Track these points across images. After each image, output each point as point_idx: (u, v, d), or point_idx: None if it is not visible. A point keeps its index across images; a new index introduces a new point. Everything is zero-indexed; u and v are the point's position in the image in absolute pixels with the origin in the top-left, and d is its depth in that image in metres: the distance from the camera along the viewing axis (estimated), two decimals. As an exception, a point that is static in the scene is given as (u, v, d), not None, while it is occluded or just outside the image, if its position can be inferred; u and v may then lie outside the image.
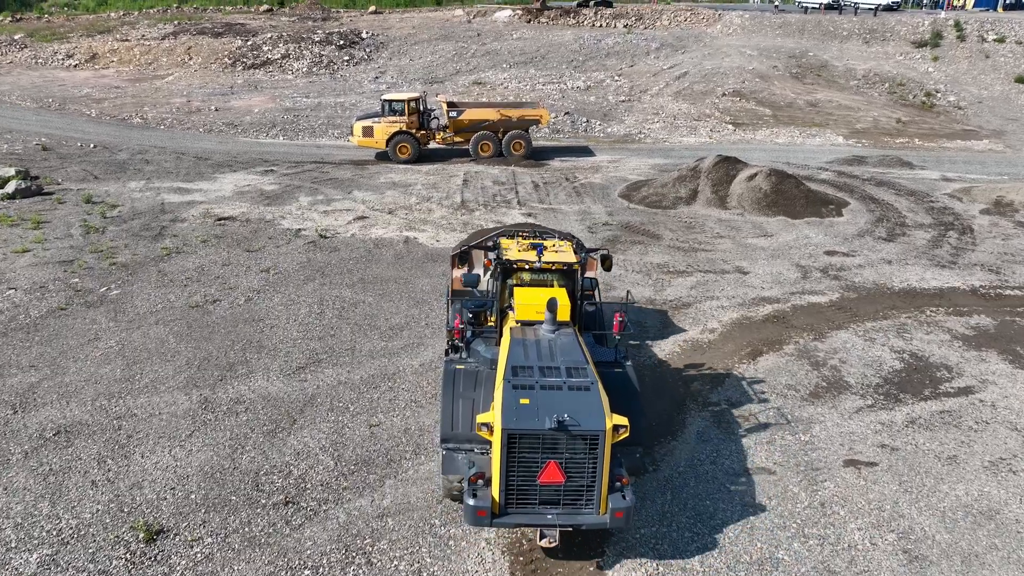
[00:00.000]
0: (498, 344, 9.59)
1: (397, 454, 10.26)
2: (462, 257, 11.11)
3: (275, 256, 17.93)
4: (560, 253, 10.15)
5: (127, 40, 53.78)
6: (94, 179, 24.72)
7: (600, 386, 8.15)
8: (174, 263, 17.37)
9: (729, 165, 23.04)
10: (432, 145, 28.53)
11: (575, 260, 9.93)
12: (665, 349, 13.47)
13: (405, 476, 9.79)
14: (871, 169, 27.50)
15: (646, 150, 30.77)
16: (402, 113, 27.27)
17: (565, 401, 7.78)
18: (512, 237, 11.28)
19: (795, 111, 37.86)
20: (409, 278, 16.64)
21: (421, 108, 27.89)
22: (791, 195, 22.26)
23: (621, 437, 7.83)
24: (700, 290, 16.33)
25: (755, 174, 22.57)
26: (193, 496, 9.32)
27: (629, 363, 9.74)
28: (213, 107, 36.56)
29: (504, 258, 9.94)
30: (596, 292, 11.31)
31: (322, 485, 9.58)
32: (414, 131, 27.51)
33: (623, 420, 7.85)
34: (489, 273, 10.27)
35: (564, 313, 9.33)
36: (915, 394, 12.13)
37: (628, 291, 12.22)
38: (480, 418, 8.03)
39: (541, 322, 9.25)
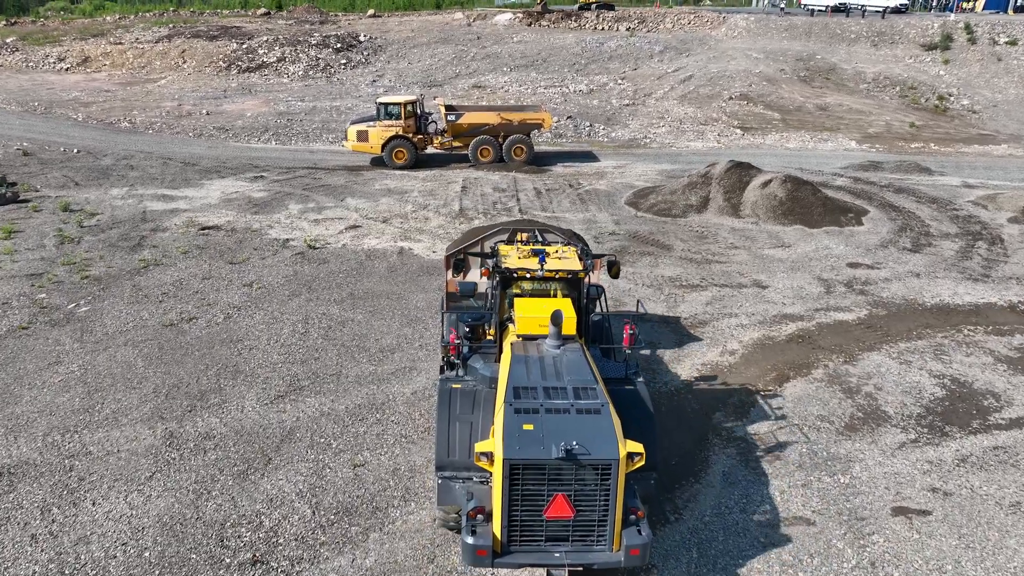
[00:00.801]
0: (498, 360, 8.81)
1: (384, 500, 9.03)
2: (457, 265, 10.24)
3: (259, 269, 16.74)
4: (564, 260, 9.37)
5: (120, 43, 52.73)
6: (75, 186, 23.56)
7: (612, 408, 7.37)
8: (151, 276, 16.18)
9: (742, 171, 21.87)
10: (429, 150, 27.36)
11: (580, 267, 9.14)
12: (682, 374, 12.25)
13: (392, 528, 8.57)
14: (888, 175, 26.33)
15: (652, 155, 29.61)
16: (398, 117, 26.11)
17: (573, 426, 7.04)
18: (511, 242, 10.38)
19: (805, 115, 36.72)
20: (402, 293, 15.44)
21: (418, 111, 26.74)
22: (808, 203, 21.07)
23: (636, 466, 7.06)
24: (717, 306, 15.13)
25: (770, 180, 21.40)
26: (147, 554, 8.10)
27: (641, 379, 8.94)
28: (204, 111, 35.43)
29: (503, 266, 9.09)
30: (603, 301, 10.36)
31: (296, 539, 8.36)
32: (411, 135, 26.34)
33: (638, 447, 7.06)
34: (488, 285, 9.36)
35: (570, 326, 8.50)
36: (962, 426, 10.91)
37: (639, 300, 11.15)
38: (479, 447, 7.19)
39: (544, 336, 8.46)
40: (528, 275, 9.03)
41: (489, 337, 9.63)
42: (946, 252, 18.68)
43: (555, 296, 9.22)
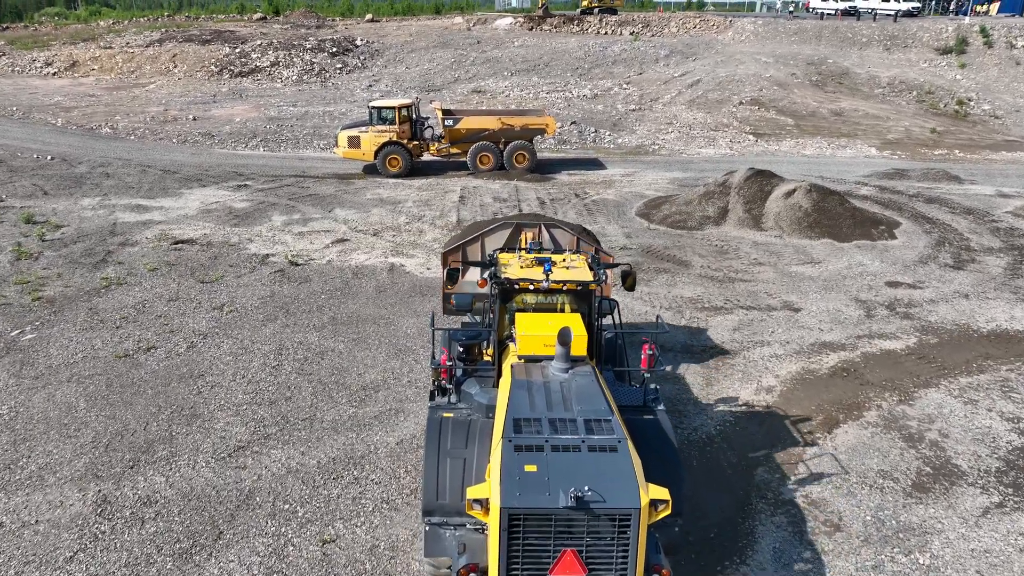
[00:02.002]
0: (496, 385, 7.72)
1: (357, 590, 7.30)
2: (451, 275, 9.11)
3: (233, 289, 15.03)
4: (572, 270, 8.23)
5: (110, 48, 51.23)
6: (43, 195, 21.88)
7: (630, 445, 6.26)
8: (111, 298, 14.47)
9: (763, 180, 20.19)
10: (426, 157, 25.71)
11: (591, 278, 7.98)
12: (714, 418, 10.52)
13: (366, 631, 6.83)
14: (916, 184, 24.64)
15: (662, 162, 27.95)
16: (392, 122, 24.46)
17: (585, 467, 5.95)
18: (512, 250, 9.27)
19: (819, 120, 35.11)
20: (391, 318, 13.72)
21: (413, 116, 25.09)
22: (835, 214, 19.38)
23: (661, 515, 5.89)
24: (746, 333, 13.40)
25: (793, 190, 19.71)
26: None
27: (661, 407, 7.81)
28: (191, 116, 33.82)
29: (503, 277, 7.93)
30: (616, 316, 9.17)
31: (244, 648, 6.62)
32: (405, 141, 24.69)
33: (662, 492, 5.88)
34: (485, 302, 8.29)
35: (580, 346, 7.38)
36: (1052, 485, 9.17)
37: (658, 315, 9.57)
38: (471, 492, 6.02)
39: (551, 357, 7.33)
40: (531, 287, 7.88)
41: (486, 358, 8.52)
42: (992, 269, 16.96)
43: (562, 311, 8.09)
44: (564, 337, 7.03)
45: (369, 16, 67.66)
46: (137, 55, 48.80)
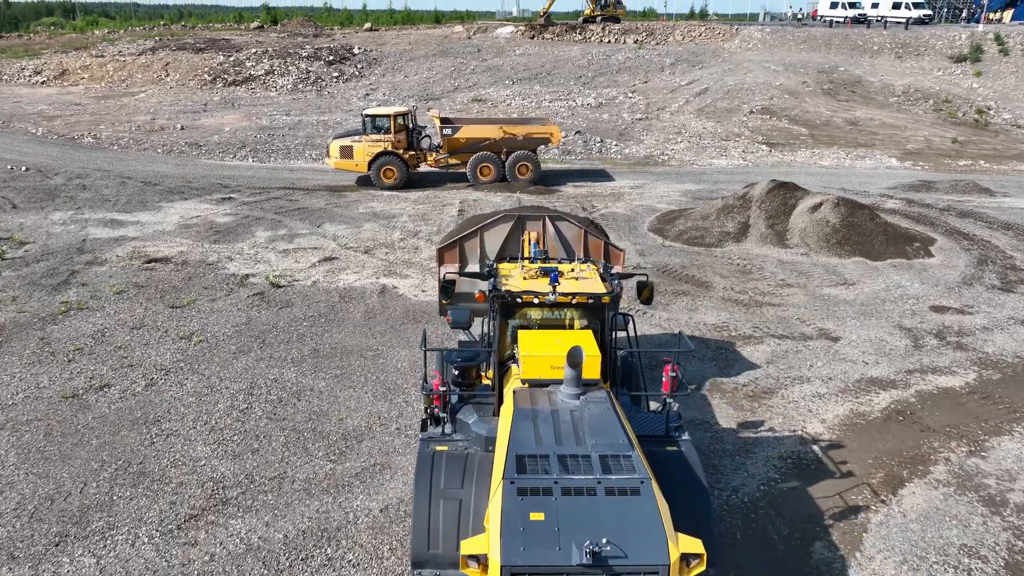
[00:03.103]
0: (496, 414, 6.93)
1: None
2: (446, 288, 8.57)
3: (206, 315, 13.49)
4: (582, 281, 7.54)
5: (102, 56, 49.99)
6: (12, 209, 20.40)
7: (655, 486, 5.41)
8: (68, 325, 12.93)
9: (786, 193, 18.70)
10: (423, 168, 24.24)
11: (604, 290, 7.25)
12: (756, 474, 8.94)
13: None
14: (945, 196, 23.16)
15: (673, 174, 26.48)
16: (387, 130, 23.01)
17: (602, 514, 5.12)
18: (514, 259, 8.50)
19: (834, 130, 33.71)
20: (380, 349, 12.17)
21: (410, 125, 23.65)
22: (865, 230, 17.87)
23: (694, 573, 4.98)
24: (781, 367, 11.84)
25: (820, 204, 18.21)
26: None
27: (686, 436, 7.04)
28: (179, 125, 32.42)
29: (503, 289, 7.18)
30: (630, 331, 8.41)
31: None
32: (401, 151, 23.23)
33: (695, 544, 5.03)
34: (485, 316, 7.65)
35: (592, 368, 6.62)
36: None
37: (680, 332, 8.61)
38: (466, 546, 5.13)
39: (559, 381, 6.51)
40: (536, 300, 7.11)
41: (485, 382, 7.74)
42: (1044, 291, 15.43)
43: (571, 327, 7.30)
44: (574, 358, 6.19)
45: (368, 25, 66.58)
46: (129, 63, 47.54)
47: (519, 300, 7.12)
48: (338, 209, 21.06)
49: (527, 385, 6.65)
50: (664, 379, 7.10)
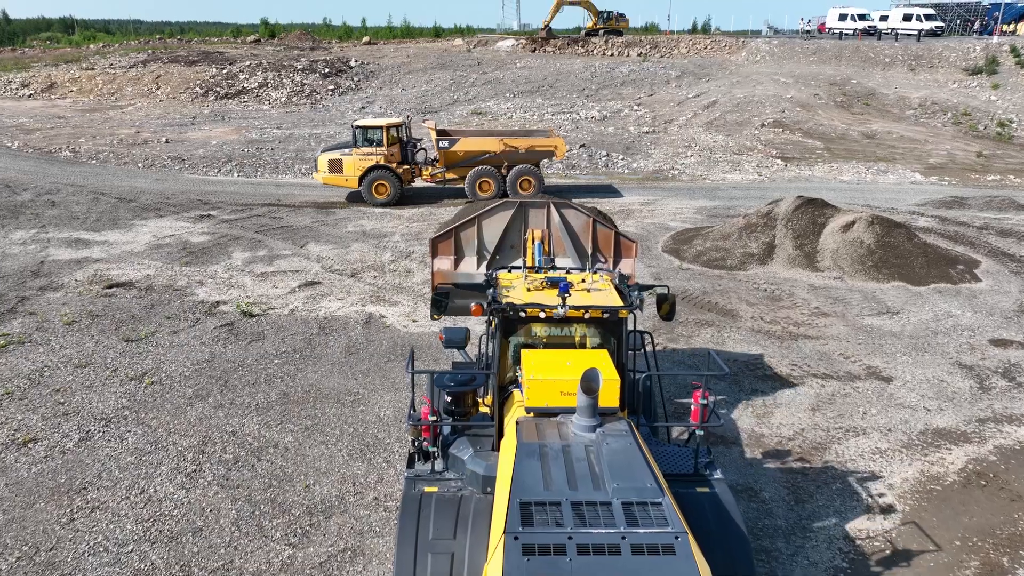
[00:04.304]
0: (497, 449, 6.07)
1: None
2: (437, 302, 7.49)
3: (164, 350, 11.79)
4: (596, 292, 6.71)
5: (92, 69, 48.72)
6: (-30, 227, 18.79)
7: (692, 541, 4.38)
8: (2, 363, 11.22)
9: (815, 210, 17.05)
10: (418, 183, 22.64)
11: (621, 303, 6.46)
12: (819, 562, 7.17)
13: None
14: (980, 214, 21.52)
15: (685, 189, 24.88)
16: (379, 143, 21.43)
17: None
18: (516, 269, 7.75)
19: (851, 143, 32.18)
20: (361, 393, 10.45)
21: (404, 137, 22.08)
22: (904, 251, 16.20)
23: None
24: (829, 415, 10.11)
25: (852, 222, 16.56)
26: None
27: (719, 474, 6.23)
28: (164, 139, 30.92)
29: (503, 302, 6.38)
30: (646, 350, 7.73)
31: None
32: (394, 165, 21.64)
33: None
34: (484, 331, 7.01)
35: (611, 394, 5.69)
36: None
37: (710, 351, 7.42)
38: None
39: (571, 410, 5.62)
40: (542, 314, 6.26)
41: (483, 410, 6.86)
42: (1114, 321, 13.71)
43: (583, 347, 6.54)
44: (590, 382, 5.34)
45: (367, 39, 65.53)
46: (119, 76, 46.27)
47: (523, 314, 6.26)
48: (325, 227, 19.42)
49: (532, 415, 5.84)
50: (693, 406, 6.20)
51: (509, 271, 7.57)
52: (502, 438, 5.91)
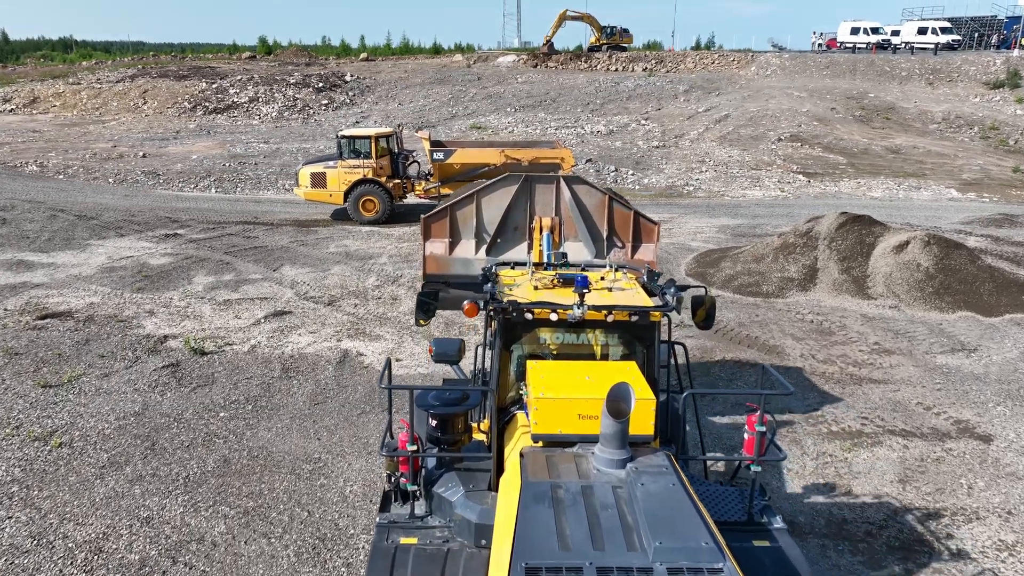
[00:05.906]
0: (495, 488, 4.74)
1: None
2: (423, 304, 6.11)
3: (87, 399, 9.56)
4: (619, 292, 5.31)
5: (78, 84, 47.02)
6: (-97, 248, 16.66)
7: None
8: None
9: (862, 229, 14.90)
10: (410, 199, 20.54)
11: (652, 303, 5.07)
12: None
13: None
14: (1034, 233, 19.39)
15: (703, 206, 22.79)
16: (367, 155, 19.37)
17: None
18: (520, 265, 6.21)
19: (875, 158, 30.17)
20: (324, 458, 8.20)
21: (394, 149, 20.03)
22: (968, 276, 14.02)
23: None
24: (923, 489, 7.84)
25: (906, 243, 14.40)
26: None
27: (779, 522, 4.84)
28: (141, 153, 28.94)
29: (504, 300, 5.00)
30: (677, 364, 6.20)
31: None
32: (383, 179, 19.55)
33: None
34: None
35: (644, 419, 4.27)
36: None
37: (764, 365, 5.49)
38: None
39: (593, 438, 4.17)
40: (554, 316, 4.89)
41: (478, 437, 5.48)
42: None
43: (605, 358, 5.17)
44: (620, 402, 3.91)
45: (364, 55, 64.08)
46: (104, 91, 44.53)
47: (529, 315, 5.04)
48: (303, 248, 17.27)
49: (541, 444, 4.59)
50: (747, 435, 4.91)
51: (512, 268, 6.20)
52: (502, 474, 4.68)
